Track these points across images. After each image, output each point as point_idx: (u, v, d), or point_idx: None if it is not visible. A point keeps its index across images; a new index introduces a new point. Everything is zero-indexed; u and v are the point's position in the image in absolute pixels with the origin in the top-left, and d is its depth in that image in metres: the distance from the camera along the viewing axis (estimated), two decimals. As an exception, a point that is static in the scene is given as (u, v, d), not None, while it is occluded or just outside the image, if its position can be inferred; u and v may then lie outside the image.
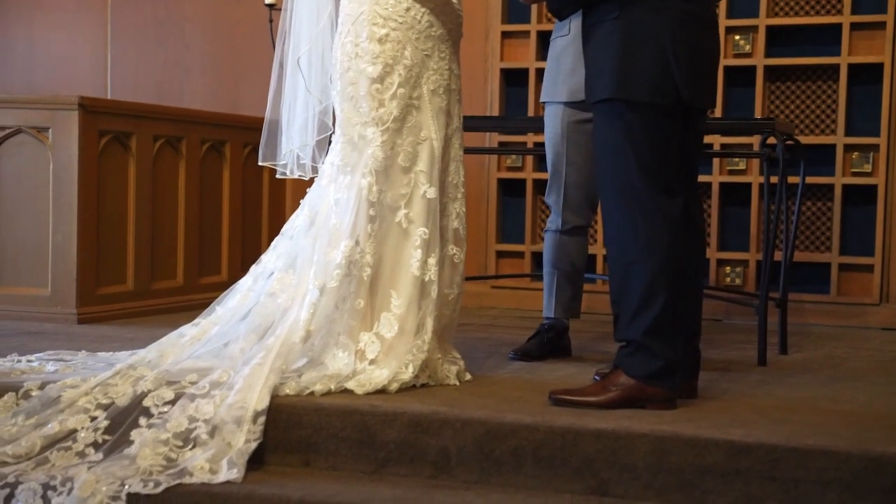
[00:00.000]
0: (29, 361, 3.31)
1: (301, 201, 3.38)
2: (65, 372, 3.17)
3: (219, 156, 5.31)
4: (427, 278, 3.20)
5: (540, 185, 5.42)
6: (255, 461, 2.76)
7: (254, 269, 3.39)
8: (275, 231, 3.65)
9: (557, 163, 3.80)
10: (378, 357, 3.12)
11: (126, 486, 2.62)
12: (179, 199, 5.04)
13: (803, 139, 4.82)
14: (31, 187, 4.53)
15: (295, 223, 3.36)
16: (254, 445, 2.76)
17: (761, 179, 5.02)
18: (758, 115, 5.16)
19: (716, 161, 5.22)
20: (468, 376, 3.30)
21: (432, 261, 3.21)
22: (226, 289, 3.43)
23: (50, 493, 2.63)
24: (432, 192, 3.22)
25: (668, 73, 2.89)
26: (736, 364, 3.75)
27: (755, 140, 5.08)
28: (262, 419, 2.81)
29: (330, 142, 3.36)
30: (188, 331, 3.32)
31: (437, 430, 2.76)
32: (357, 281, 3.14)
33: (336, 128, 3.31)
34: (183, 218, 5.06)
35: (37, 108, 4.51)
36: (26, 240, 4.56)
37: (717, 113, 5.14)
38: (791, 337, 4.19)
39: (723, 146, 5.21)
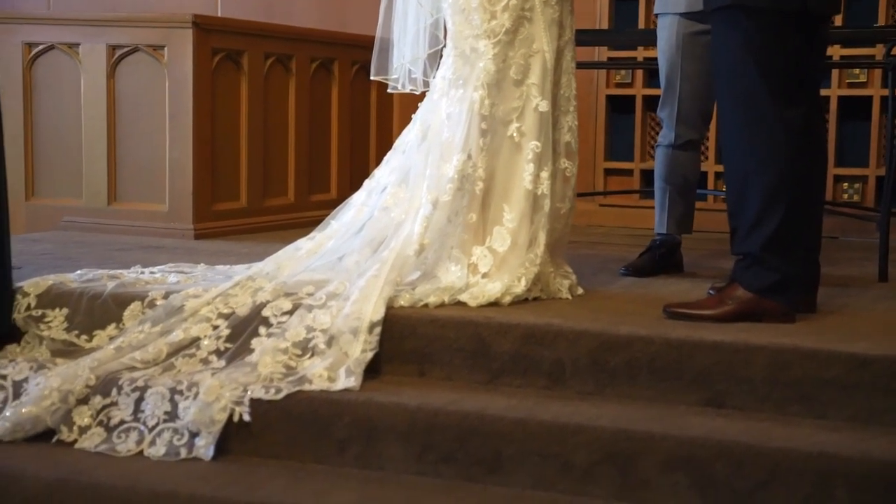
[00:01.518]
0: (152, 273, 3.39)
1: (413, 116, 3.38)
2: (186, 283, 3.25)
3: (328, 74, 5.33)
4: (539, 192, 3.19)
5: (649, 102, 5.34)
6: (372, 371, 2.81)
7: (367, 183, 3.42)
8: (383, 149, 3.68)
9: (671, 76, 3.72)
10: (490, 271, 3.14)
11: (248, 392, 2.70)
12: (289, 117, 5.10)
13: (929, 49, 4.62)
14: (148, 105, 4.63)
15: (407, 138, 3.37)
16: (370, 355, 2.81)
17: (884, 92, 4.85)
18: (881, 24, 4.96)
19: (834, 74, 5.05)
20: (580, 290, 3.29)
21: (545, 174, 3.20)
22: (335, 206, 3.47)
23: (177, 396, 2.73)
24: (544, 105, 3.20)
25: (791, -22, 2.79)
26: (855, 280, 3.67)
27: (878, 51, 4.90)
28: (377, 330, 2.86)
29: (441, 55, 3.34)
30: (304, 244, 3.38)
31: (551, 342, 2.77)
32: (469, 195, 3.15)
33: (447, 41, 3.29)
34: (293, 136, 5.12)
35: (152, 26, 4.59)
36: (144, 157, 4.67)
37: (837, 22, 4.95)
38: (913, 253, 4.08)
39: (842, 58, 5.03)
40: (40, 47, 4.75)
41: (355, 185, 3.50)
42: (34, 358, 2.95)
